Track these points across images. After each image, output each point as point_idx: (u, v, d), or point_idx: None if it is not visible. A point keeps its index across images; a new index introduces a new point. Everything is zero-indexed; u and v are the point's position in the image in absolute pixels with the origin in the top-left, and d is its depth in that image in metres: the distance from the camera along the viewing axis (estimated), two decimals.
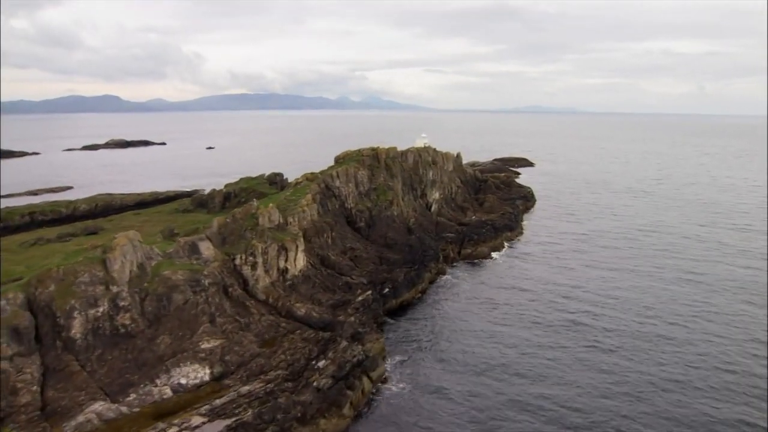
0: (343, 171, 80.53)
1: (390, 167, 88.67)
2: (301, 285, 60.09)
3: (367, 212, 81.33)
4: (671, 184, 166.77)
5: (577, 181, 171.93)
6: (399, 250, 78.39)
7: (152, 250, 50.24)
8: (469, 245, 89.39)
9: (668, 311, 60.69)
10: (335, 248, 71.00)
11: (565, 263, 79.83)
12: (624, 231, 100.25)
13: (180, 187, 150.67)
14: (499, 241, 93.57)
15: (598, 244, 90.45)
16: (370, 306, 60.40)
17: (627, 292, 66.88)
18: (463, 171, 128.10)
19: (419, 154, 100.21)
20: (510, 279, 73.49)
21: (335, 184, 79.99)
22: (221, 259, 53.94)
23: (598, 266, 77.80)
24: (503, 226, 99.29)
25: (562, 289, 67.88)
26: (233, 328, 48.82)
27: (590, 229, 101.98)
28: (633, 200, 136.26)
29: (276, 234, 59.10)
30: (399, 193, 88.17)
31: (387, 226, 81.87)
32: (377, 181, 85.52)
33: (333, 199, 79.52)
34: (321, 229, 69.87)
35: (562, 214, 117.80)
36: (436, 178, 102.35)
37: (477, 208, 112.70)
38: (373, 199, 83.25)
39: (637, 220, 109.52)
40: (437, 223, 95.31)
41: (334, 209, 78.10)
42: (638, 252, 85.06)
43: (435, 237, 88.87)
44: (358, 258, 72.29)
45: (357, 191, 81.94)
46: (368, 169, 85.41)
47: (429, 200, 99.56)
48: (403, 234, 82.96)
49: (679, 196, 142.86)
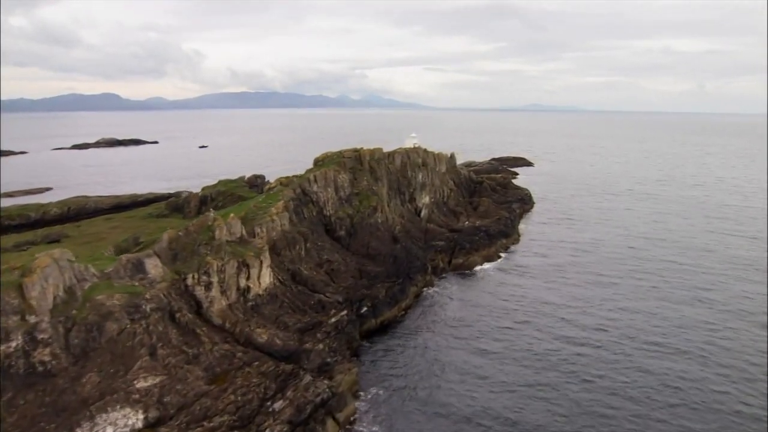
0: (321, 174, 73.76)
1: (374, 170, 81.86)
2: (266, 306, 53.38)
3: (347, 220, 74.61)
4: (675, 185, 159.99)
5: (577, 182, 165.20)
6: (382, 261, 71.68)
7: (87, 270, 43.46)
8: (460, 254, 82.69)
9: (677, 339, 53.62)
10: (309, 261, 64.27)
11: (562, 277, 72.97)
12: (626, 239, 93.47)
13: (164, 188, 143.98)
14: (494, 249, 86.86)
15: (599, 255, 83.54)
16: (344, 329, 53.77)
17: (631, 315, 59.75)
18: (456, 172, 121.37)
19: (408, 156, 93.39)
20: (502, 296, 66.72)
21: (312, 189, 73.24)
22: (170, 279, 47.20)
23: (598, 282, 70.80)
24: (498, 232, 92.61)
25: (559, 311, 60.76)
26: (178, 362, 42.11)
27: (590, 237, 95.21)
28: (635, 203, 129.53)
29: (236, 248, 52.35)
30: (384, 198, 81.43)
31: (370, 235, 75.13)
32: (360, 185, 78.75)
33: (310, 205, 72.76)
34: (293, 241, 63.13)
35: (561, 219, 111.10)
36: (426, 181, 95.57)
37: (471, 212, 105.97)
38: (354, 206, 76.51)
39: (640, 227, 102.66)
40: (426, 230, 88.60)
41: (311, 217, 71.36)
42: (642, 265, 77.96)
43: (423, 246, 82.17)
44: (335, 272, 65.59)
45: (337, 197, 75.19)
46: (350, 173, 78.62)
47: (418, 205, 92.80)
48: (388, 243, 76.22)
49: (683, 199, 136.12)
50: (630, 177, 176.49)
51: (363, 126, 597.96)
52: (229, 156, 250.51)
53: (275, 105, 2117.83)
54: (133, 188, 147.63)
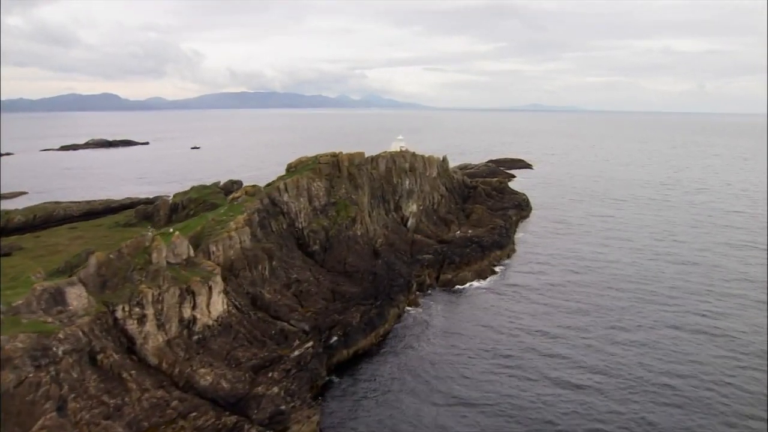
0: (293, 183, 66.46)
1: (354, 176, 74.53)
2: (216, 339, 46.10)
3: (322, 233, 67.32)
4: (680, 189, 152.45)
5: (577, 185, 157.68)
6: (360, 279, 64.41)
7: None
8: (449, 269, 75.33)
9: (689, 384, 45.75)
10: (274, 282, 56.96)
11: (559, 301, 64.96)
12: (630, 253, 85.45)
13: (146, 193, 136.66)
14: (486, 263, 79.47)
15: (600, 273, 75.18)
16: (308, 365, 46.50)
17: (637, 350, 51.51)
18: (449, 177, 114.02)
19: (393, 160, 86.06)
20: (491, 323, 59.14)
21: (283, 199, 65.95)
22: (95, 313, 39.93)
23: (599, 307, 62.38)
24: (492, 243, 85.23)
25: (555, 346, 52.67)
26: (94, 417, 34.85)
27: (591, 250, 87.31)
28: (639, 210, 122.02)
29: (180, 273, 45.07)
30: (365, 208, 74.11)
31: (347, 249, 67.83)
32: (337, 193, 71.45)
33: (280, 217, 65.48)
34: (255, 260, 55.81)
35: (560, 227, 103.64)
36: (413, 188, 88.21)
37: (463, 220, 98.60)
38: (331, 217, 69.21)
39: (645, 238, 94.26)
40: (413, 241, 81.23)
41: (280, 230, 64.06)
42: (648, 285, 69.44)
43: (409, 260, 74.85)
44: (304, 294, 58.29)
45: (311, 207, 67.88)
46: (326, 180, 71.31)
47: (404, 214, 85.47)
48: (368, 258, 68.92)
49: (690, 205, 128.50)
50: (633, 180, 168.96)
51: (362, 126, 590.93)
52: (220, 158, 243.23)
53: (275, 105, 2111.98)
54: (111, 193, 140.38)
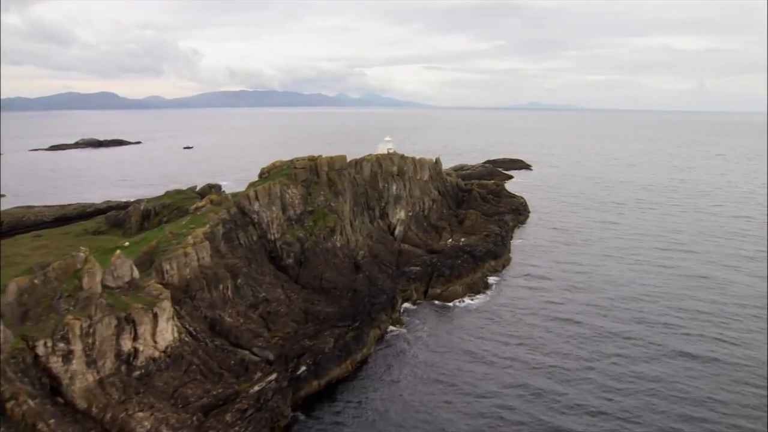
0: (264, 190, 60.40)
1: (334, 182, 68.42)
2: (163, 373, 40.09)
3: (297, 245, 61.28)
4: (685, 192, 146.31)
5: (577, 187, 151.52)
6: (338, 296, 58.40)
7: None
8: (438, 283, 69.30)
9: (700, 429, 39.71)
10: (238, 303, 50.93)
11: (556, 320, 58.54)
12: (635, 266, 78.30)
13: (129, 196, 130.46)
14: (479, 275, 73.46)
15: (602, 291, 67.65)
16: (269, 402, 40.54)
17: (643, 388, 44.73)
18: (442, 179, 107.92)
19: (379, 164, 79.98)
20: (483, 348, 53.10)
21: (253, 208, 59.90)
22: (10, 350, 33.92)
23: (600, 332, 55.19)
24: (486, 253, 79.21)
25: (550, 380, 46.29)
26: None
27: (592, 263, 79.40)
28: (643, 215, 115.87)
29: (118, 300, 39.05)
30: (346, 216, 68.07)
31: (325, 263, 61.79)
32: (315, 201, 65.38)
33: (250, 228, 59.43)
34: (215, 278, 49.78)
35: (559, 235, 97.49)
36: (401, 193, 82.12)
37: (456, 227, 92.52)
38: (307, 227, 63.17)
39: (650, 250, 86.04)
40: (400, 252, 75.18)
41: (250, 243, 58.00)
42: (653, 305, 62.60)
43: (394, 273, 68.84)
44: (273, 315, 52.28)
45: (284, 217, 61.83)
46: (303, 186, 65.24)
47: (391, 221, 79.42)
48: (348, 272, 62.89)
49: (696, 210, 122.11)
50: (635, 182, 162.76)
51: (361, 125, 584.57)
52: (212, 158, 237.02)
53: (273, 103, 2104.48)
54: (91, 196, 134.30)
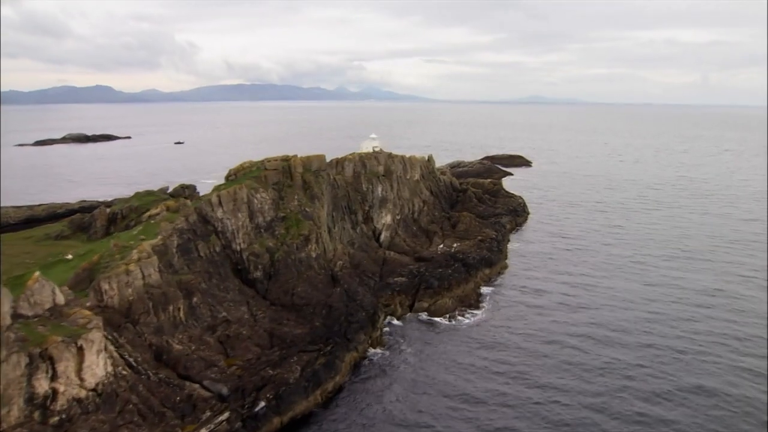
0: (228, 194, 53.85)
1: (310, 185, 61.81)
2: (90, 417, 33.83)
3: (266, 256, 54.83)
4: (693, 190, 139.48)
5: (579, 186, 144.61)
6: (310, 315, 52.09)
7: None
8: (425, 296, 62.88)
9: None
10: (193, 326, 44.60)
11: (554, 345, 51.54)
12: (639, 276, 71.23)
13: (108, 195, 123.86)
14: (471, 285, 67.07)
15: (604, 306, 60.55)
16: None
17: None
18: (434, 179, 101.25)
19: (363, 163, 73.31)
20: (473, 376, 46.75)
21: (216, 215, 53.38)
22: None
23: (604, 360, 48.45)
24: (479, 260, 72.76)
25: (548, 418, 40.39)
26: None
27: (593, 275, 71.26)
28: (648, 216, 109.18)
29: (33, 332, 32.69)
30: (323, 223, 61.55)
31: (297, 276, 55.38)
32: (288, 206, 58.86)
33: (213, 237, 52.95)
34: (164, 298, 43.38)
35: (560, 240, 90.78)
36: (387, 195, 75.51)
37: (448, 230, 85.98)
38: (278, 236, 56.68)
39: (656, 259, 78.65)
40: (384, 260, 68.69)
41: (212, 254, 51.56)
42: (661, 328, 55.03)
43: (377, 285, 62.43)
44: (233, 339, 45.96)
45: (252, 224, 55.32)
46: (274, 190, 58.66)
47: (376, 226, 72.88)
48: (323, 286, 56.49)
49: (705, 210, 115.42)
50: (641, 181, 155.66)
51: (359, 119, 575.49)
52: (203, 154, 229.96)
53: (272, 97, 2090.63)
54: (68, 195, 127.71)
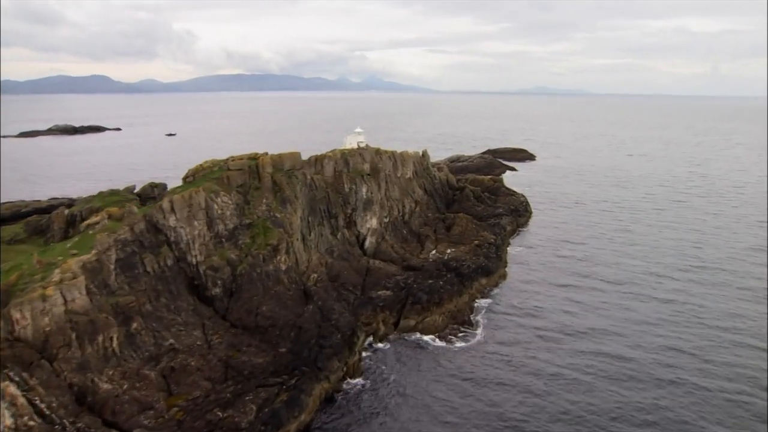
0: (182, 199, 46.59)
1: (281, 187, 54.40)
2: None
3: (227, 270, 47.68)
4: (707, 187, 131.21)
5: (586, 183, 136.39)
6: (276, 338, 45.09)
7: None
8: (413, 312, 55.67)
9: None
10: (128, 359, 37.62)
11: (556, 376, 44.26)
12: (651, 290, 63.17)
13: (81, 191, 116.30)
14: (465, 299, 59.86)
15: (611, 330, 52.74)
16: None
17: None
18: (429, 177, 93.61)
19: (345, 161, 65.75)
20: (463, 415, 39.70)
21: (168, 224, 46.19)
22: None
23: (614, 394, 41.40)
24: (475, 269, 65.47)
25: None
26: None
27: (602, 287, 64.13)
28: (661, 217, 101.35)
29: None
30: (296, 229, 54.26)
31: (263, 292, 48.26)
32: (255, 211, 51.55)
33: (164, 249, 45.82)
34: (91, 328, 36.37)
35: (564, 245, 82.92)
36: (373, 196, 68.04)
37: (442, 234, 78.54)
38: (242, 246, 49.47)
39: (670, 269, 70.32)
40: (368, 270, 61.40)
41: (161, 269, 44.46)
42: (677, 360, 46.63)
43: (357, 300, 55.30)
44: (179, 372, 39.02)
45: (211, 233, 48.09)
46: (238, 193, 51.31)
47: (360, 231, 65.53)
48: (294, 303, 49.38)
49: (721, 209, 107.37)
50: (651, 177, 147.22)
51: (360, 111, 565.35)
52: (194, 147, 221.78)
53: (272, 87, 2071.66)
54: (41, 192, 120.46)
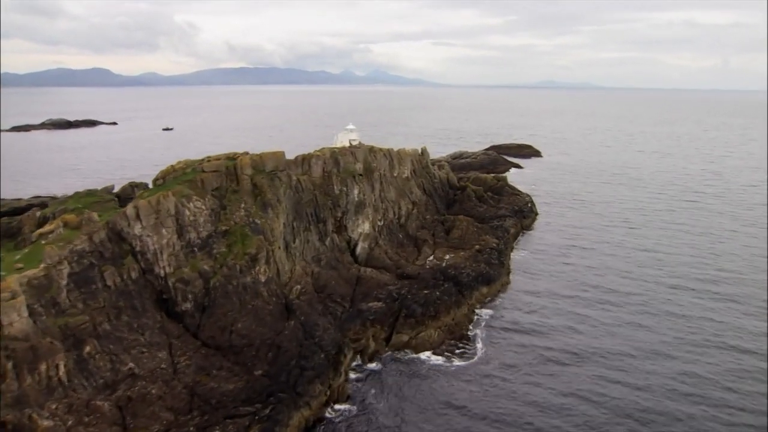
0: (149, 206, 41.98)
1: (262, 190, 49.64)
2: None
3: (199, 282, 43.13)
4: (724, 185, 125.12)
5: (594, 182, 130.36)
6: (252, 359, 40.62)
7: None
8: (406, 326, 51.01)
9: None
10: (78, 389, 33.21)
11: (564, 413, 38.67)
12: (666, 303, 57.23)
13: (67, 189, 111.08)
14: (463, 310, 55.11)
15: (622, 353, 47.36)
16: None
17: None
18: (428, 175, 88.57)
19: (335, 160, 60.84)
20: None
21: (133, 232, 41.61)
22: None
23: (626, 425, 36.71)
24: (475, 277, 60.69)
25: None
26: None
27: (615, 300, 58.19)
28: (672, 216, 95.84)
29: None
30: (278, 236, 49.60)
31: (239, 307, 43.69)
32: (231, 217, 46.88)
33: (129, 260, 41.29)
34: (32, 355, 31.93)
35: (571, 249, 77.62)
36: (366, 198, 63.18)
37: (441, 238, 73.69)
38: (217, 255, 44.87)
39: (690, 281, 63.78)
40: (359, 279, 56.64)
41: (124, 283, 39.96)
42: (697, 390, 40.77)
43: (345, 313, 50.68)
44: (137, 402, 34.60)
45: (182, 242, 43.51)
46: (213, 198, 46.61)
47: (351, 236, 60.75)
48: (274, 319, 44.82)
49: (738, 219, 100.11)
50: (662, 173, 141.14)
51: (364, 105, 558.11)
52: (190, 142, 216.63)
53: (275, 81, 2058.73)
54: (23, 189, 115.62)
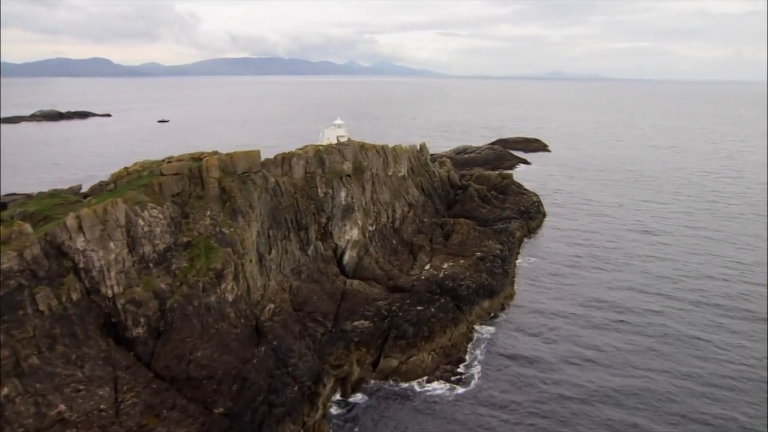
0: (93, 215, 36.16)
1: (232, 195, 43.60)
2: None
3: (153, 304, 37.35)
4: (743, 185, 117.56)
5: (605, 180, 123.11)
6: (212, 394, 34.95)
7: None
8: (395, 349, 45.15)
9: None
10: None
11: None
12: (685, 326, 50.18)
13: (47, 185, 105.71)
14: (461, 329, 49.13)
15: (647, 364, 42.08)
16: None
17: None
18: (428, 174, 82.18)
19: (320, 160, 54.58)
20: None
21: (75, 245, 35.85)
22: None
23: None
24: (475, 290, 54.63)
25: None
26: None
27: (631, 319, 51.62)
28: (689, 220, 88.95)
29: None
30: (250, 247, 43.66)
31: (201, 332, 37.94)
32: (195, 227, 40.95)
33: (70, 279, 35.55)
34: None
35: (582, 256, 71.25)
36: (354, 202, 56.99)
37: (439, 243, 67.45)
38: (176, 272, 39.02)
39: (713, 297, 56.90)
40: (344, 294, 50.66)
41: (62, 306, 34.28)
42: (721, 423, 36.15)
43: (326, 335, 44.87)
44: None
45: (133, 257, 37.70)
46: (173, 205, 40.62)
47: (338, 244, 54.69)
48: (241, 345, 39.06)
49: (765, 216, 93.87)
50: (678, 171, 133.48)
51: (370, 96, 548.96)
52: (185, 135, 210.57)
53: (279, 72, 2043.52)
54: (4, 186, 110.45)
